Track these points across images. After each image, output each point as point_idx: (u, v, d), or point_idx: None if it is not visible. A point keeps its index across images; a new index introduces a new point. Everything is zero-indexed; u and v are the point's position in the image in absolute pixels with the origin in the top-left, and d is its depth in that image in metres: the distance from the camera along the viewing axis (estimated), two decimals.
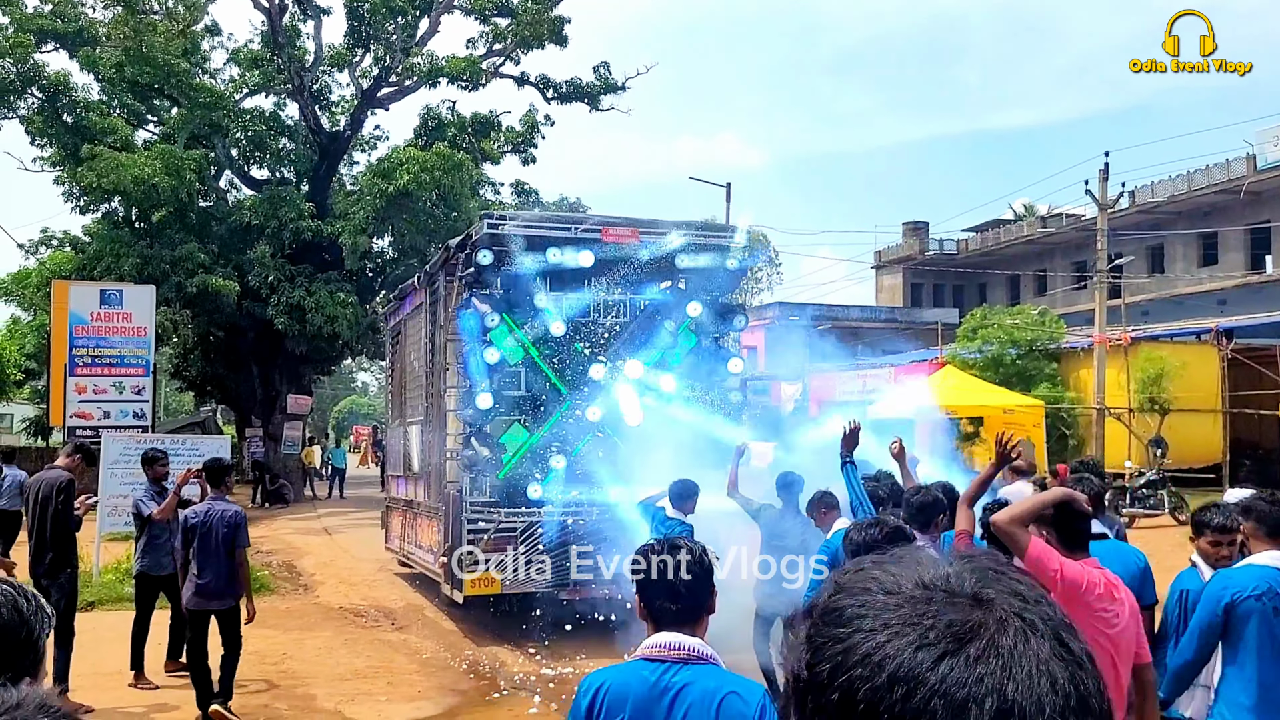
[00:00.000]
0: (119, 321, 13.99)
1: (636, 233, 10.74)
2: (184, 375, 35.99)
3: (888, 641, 0.81)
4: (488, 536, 9.81)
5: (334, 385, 68.16)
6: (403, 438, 13.81)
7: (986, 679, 0.78)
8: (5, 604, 1.33)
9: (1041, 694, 0.78)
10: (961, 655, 0.79)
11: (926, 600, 0.84)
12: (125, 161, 24.14)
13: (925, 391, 22.78)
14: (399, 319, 14.52)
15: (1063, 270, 38.25)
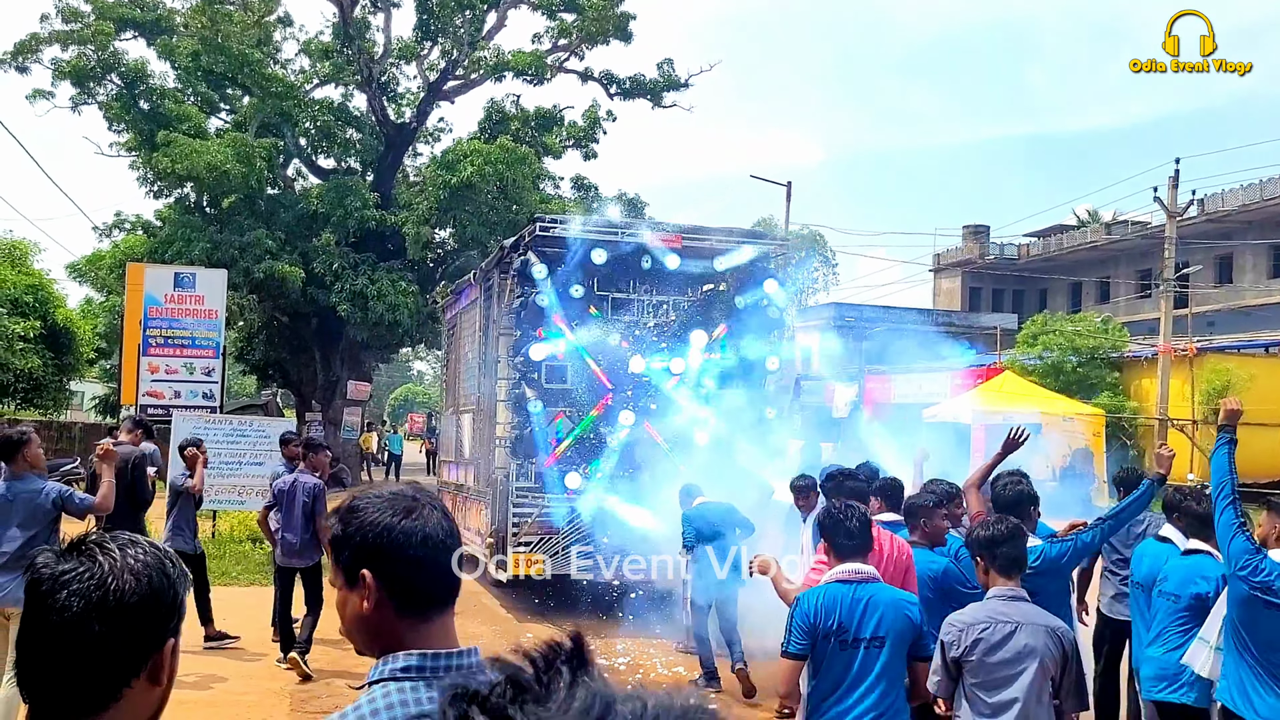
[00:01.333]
0: (192, 304, 14.40)
1: (681, 239, 11.14)
2: (248, 359, 36.76)
3: None
4: (531, 520, 10.28)
5: (391, 373, 69.12)
6: (455, 425, 14.33)
7: None
8: (155, 568, 1.42)
9: None
10: None
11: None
12: (198, 148, 24.73)
13: (983, 397, 22.61)
14: (455, 312, 15.05)
15: (1127, 278, 37.57)
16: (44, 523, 6.21)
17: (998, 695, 3.88)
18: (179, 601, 1.44)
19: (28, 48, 26.26)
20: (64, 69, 26.21)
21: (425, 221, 26.91)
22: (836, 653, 4.01)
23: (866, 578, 4.13)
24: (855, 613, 4.02)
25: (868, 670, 3.98)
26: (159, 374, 14.23)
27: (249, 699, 7.46)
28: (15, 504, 6.13)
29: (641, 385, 11.09)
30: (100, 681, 1.36)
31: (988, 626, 3.96)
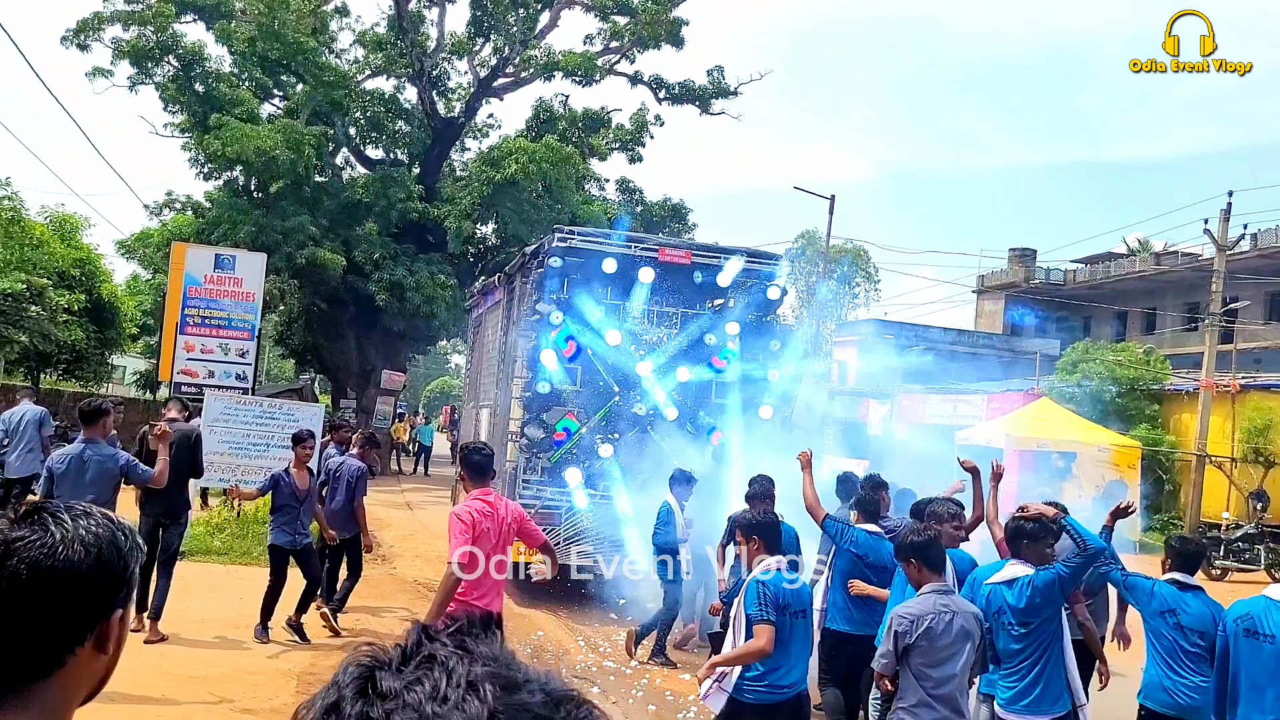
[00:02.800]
0: (230, 286, 14.57)
1: (690, 254, 11.99)
2: (287, 343, 37.16)
3: None
4: (534, 512, 10.56)
5: (428, 365, 69.58)
6: (475, 419, 14.99)
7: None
8: (106, 540, 1.43)
9: None
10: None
11: None
12: (249, 133, 25.04)
13: (1018, 422, 22.31)
14: (481, 311, 15.75)
15: (1174, 310, 36.95)
16: (110, 485, 7.05)
17: (941, 670, 4.74)
18: (129, 573, 1.45)
19: (90, 26, 26.74)
20: (124, 49, 26.66)
21: (467, 216, 27.07)
22: (789, 623, 5.25)
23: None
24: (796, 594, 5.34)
25: (800, 635, 5.36)
26: (194, 353, 14.41)
27: (256, 678, 7.52)
28: (89, 465, 6.92)
29: (647, 391, 11.74)
30: (46, 647, 1.38)
31: (934, 616, 4.79)
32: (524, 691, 0.86)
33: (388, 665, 0.88)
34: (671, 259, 11.78)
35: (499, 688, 0.85)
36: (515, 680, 0.87)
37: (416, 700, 0.83)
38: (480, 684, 0.85)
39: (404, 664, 0.87)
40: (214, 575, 11.11)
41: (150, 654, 7.81)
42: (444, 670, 0.86)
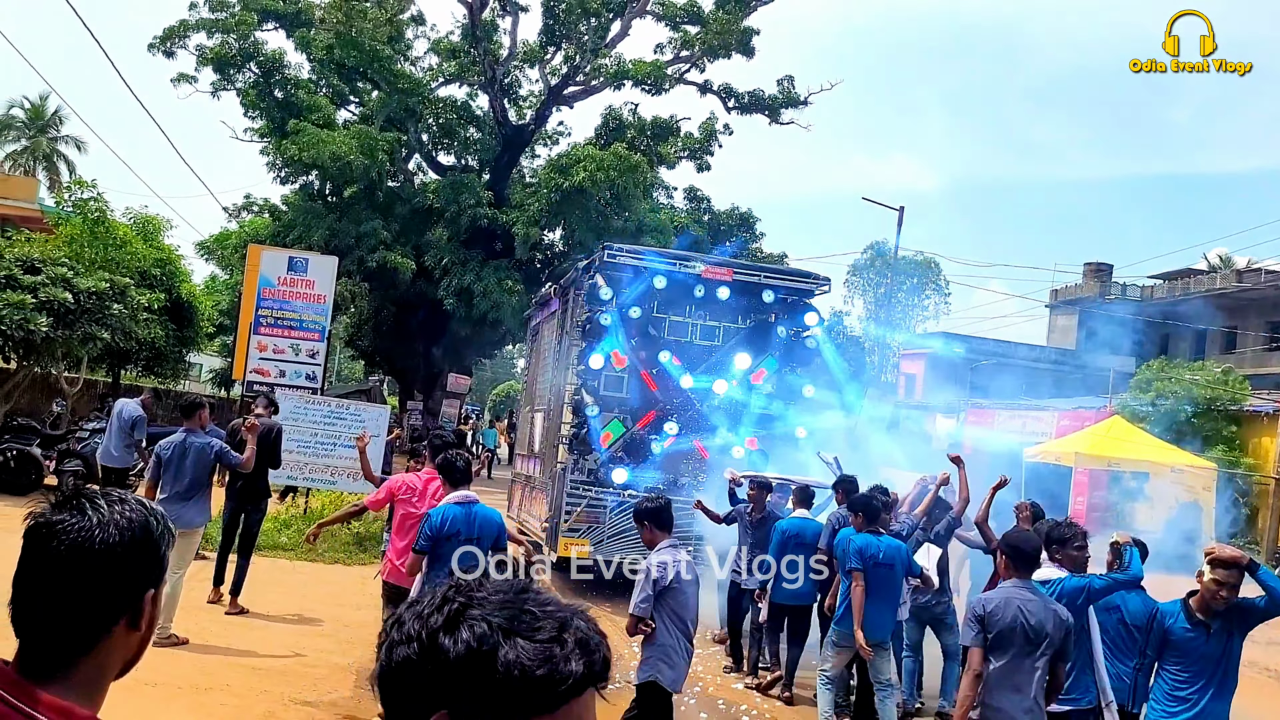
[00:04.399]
0: (302, 288, 14.91)
1: (732, 272, 12.53)
2: (357, 345, 37.87)
3: None
4: (581, 508, 11.56)
5: (495, 369, 70.28)
6: (530, 422, 15.78)
7: None
8: (139, 524, 1.53)
9: None
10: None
11: None
12: (325, 138, 25.62)
13: (1089, 440, 21.83)
14: (539, 319, 16.62)
15: (1256, 329, 35.83)
16: (206, 469, 8.23)
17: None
18: (161, 556, 1.54)
19: (176, 33, 27.62)
20: (207, 55, 27.48)
21: (535, 223, 27.34)
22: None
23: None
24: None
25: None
26: (266, 352, 14.77)
27: (318, 671, 7.68)
28: (190, 451, 8.10)
29: (688, 400, 12.41)
30: (85, 624, 1.48)
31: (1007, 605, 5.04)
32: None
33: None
34: (714, 275, 12.35)
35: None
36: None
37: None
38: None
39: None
40: (279, 570, 11.38)
41: (216, 644, 8.02)
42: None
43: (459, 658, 1.13)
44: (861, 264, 54.56)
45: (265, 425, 9.41)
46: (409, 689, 1.16)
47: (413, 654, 1.15)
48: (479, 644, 1.13)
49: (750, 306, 12.79)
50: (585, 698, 1.16)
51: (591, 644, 1.17)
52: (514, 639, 1.13)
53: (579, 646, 1.16)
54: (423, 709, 1.13)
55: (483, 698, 1.12)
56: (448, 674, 1.13)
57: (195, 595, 9.12)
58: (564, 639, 1.15)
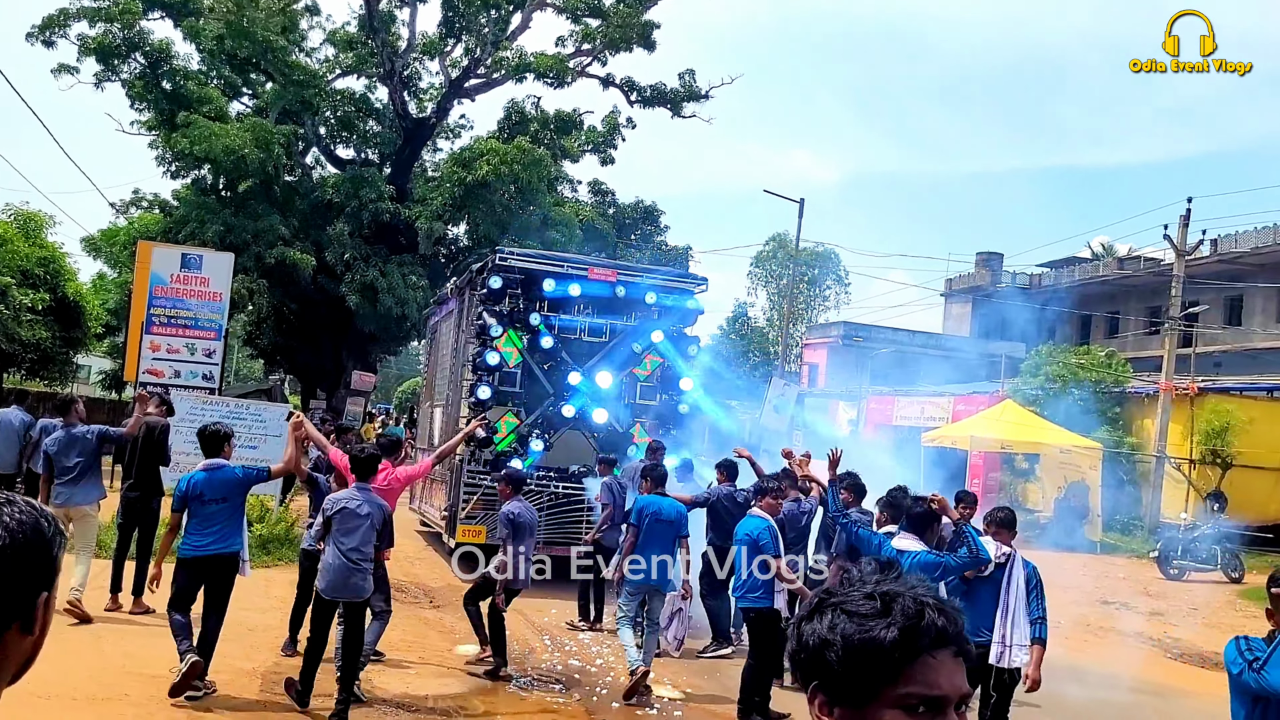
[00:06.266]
0: (197, 285, 14.50)
1: (616, 273, 13.60)
2: (256, 343, 36.97)
3: None
4: (477, 497, 12.25)
5: (400, 365, 69.25)
6: (430, 418, 16.61)
7: None
8: (29, 526, 1.49)
9: None
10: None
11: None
12: (217, 131, 24.91)
13: (983, 424, 22.61)
14: (437, 319, 17.54)
15: (1136, 314, 37.49)
16: (91, 453, 9.14)
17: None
18: (53, 557, 1.50)
19: (56, 22, 26.50)
20: (90, 45, 26.44)
21: (439, 217, 27.05)
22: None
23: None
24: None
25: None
26: (160, 353, 14.34)
27: (223, 677, 7.54)
28: (76, 441, 9.08)
29: (578, 393, 13.19)
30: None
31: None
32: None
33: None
34: (600, 277, 13.38)
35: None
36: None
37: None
38: None
39: None
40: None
41: (113, 653, 7.81)
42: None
43: (811, 641, 1.40)
44: (764, 255, 55.45)
45: (152, 423, 9.63)
46: (803, 670, 1.43)
47: (794, 644, 1.45)
48: (828, 630, 1.39)
49: (635, 305, 13.66)
50: (931, 661, 1.34)
51: (914, 612, 1.35)
52: (841, 618, 1.38)
53: (902, 616, 1.34)
54: (810, 683, 1.41)
55: (832, 671, 1.38)
56: (809, 654, 1.41)
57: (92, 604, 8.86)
58: (892, 613, 1.35)
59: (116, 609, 9.11)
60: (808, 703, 1.42)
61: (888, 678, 1.33)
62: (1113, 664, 11.21)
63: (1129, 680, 10.42)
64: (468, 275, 14.29)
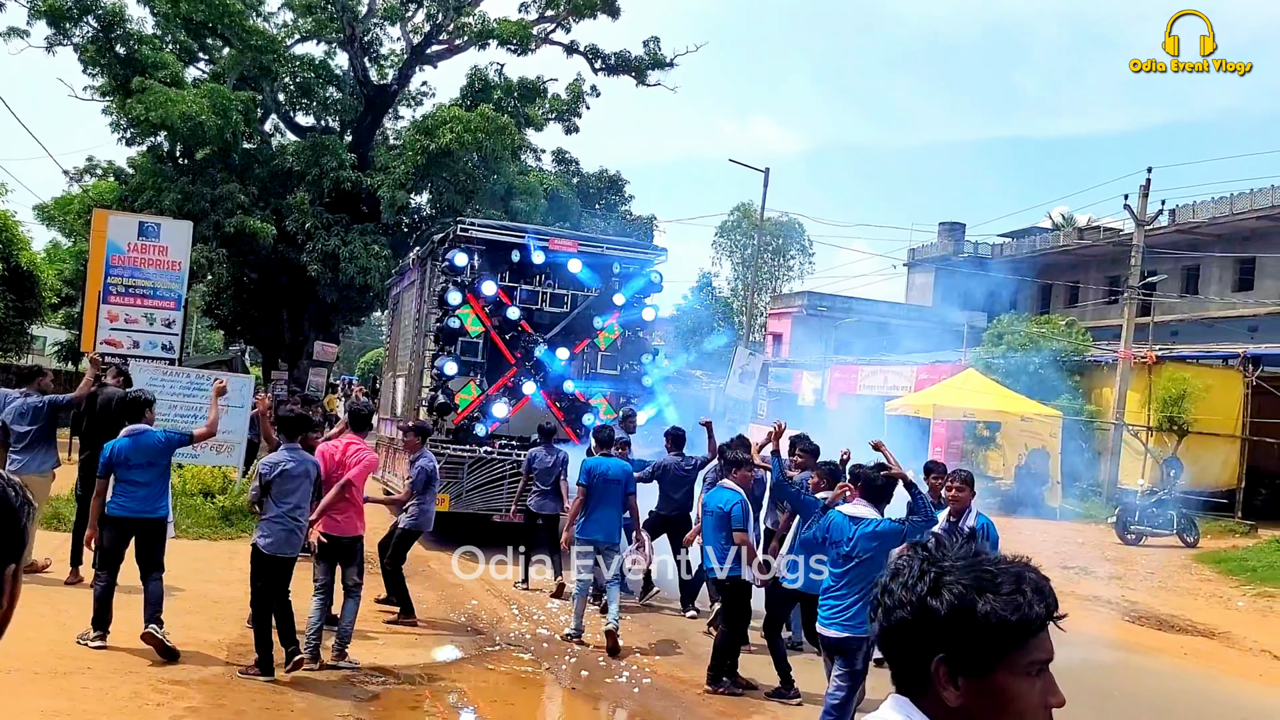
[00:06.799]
0: (154, 254, 14.22)
1: (576, 244, 13.75)
2: (216, 313, 36.46)
3: None
4: (440, 465, 11.97)
5: (363, 336, 68.66)
6: (392, 388, 16.71)
7: None
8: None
9: None
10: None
11: None
12: (174, 97, 24.41)
13: (945, 393, 22.81)
14: (399, 290, 17.52)
15: (1096, 283, 37.91)
16: (43, 418, 9.31)
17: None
18: (21, 528, 1.45)
19: None
20: (40, 8, 25.76)
21: (401, 186, 26.73)
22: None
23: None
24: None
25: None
26: (118, 323, 14.08)
27: (187, 649, 7.47)
28: (29, 411, 9.24)
29: (540, 363, 13.35)
30: None
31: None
32: None
33: None
34: (560, 248, 13.49)
35: None
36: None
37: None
38: None
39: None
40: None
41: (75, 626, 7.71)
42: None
43: (946, 614, 1.48)
44: (729, 225, 55.43)
45: (109, 394, 9.53)
46: (908, 643, 1.53)
47: (908, 615, 1.52)
48: (959, 602, 1.48)
49: (596, 276, 13.75)
50: (1044, 631, 1.51)
51: (1045, 590, 1.52)
52: (985, 594, 1.48)
53: (1036, 593, 1.50)
54: (921, 656, 1.50)
55: (968, 642, 1.48)
56: (938, 628, 1.49)
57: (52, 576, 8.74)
58: (1024, 589, 1.49)
59: (77, 582, 8.99)
60: (933, 676, 1.50)
61: (1021, 647, 1.49)
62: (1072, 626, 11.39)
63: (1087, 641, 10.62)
64: (429, 246, 14.32)
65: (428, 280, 14.00)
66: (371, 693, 7.19)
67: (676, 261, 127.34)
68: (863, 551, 6.13)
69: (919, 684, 1.53)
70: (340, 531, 7.69)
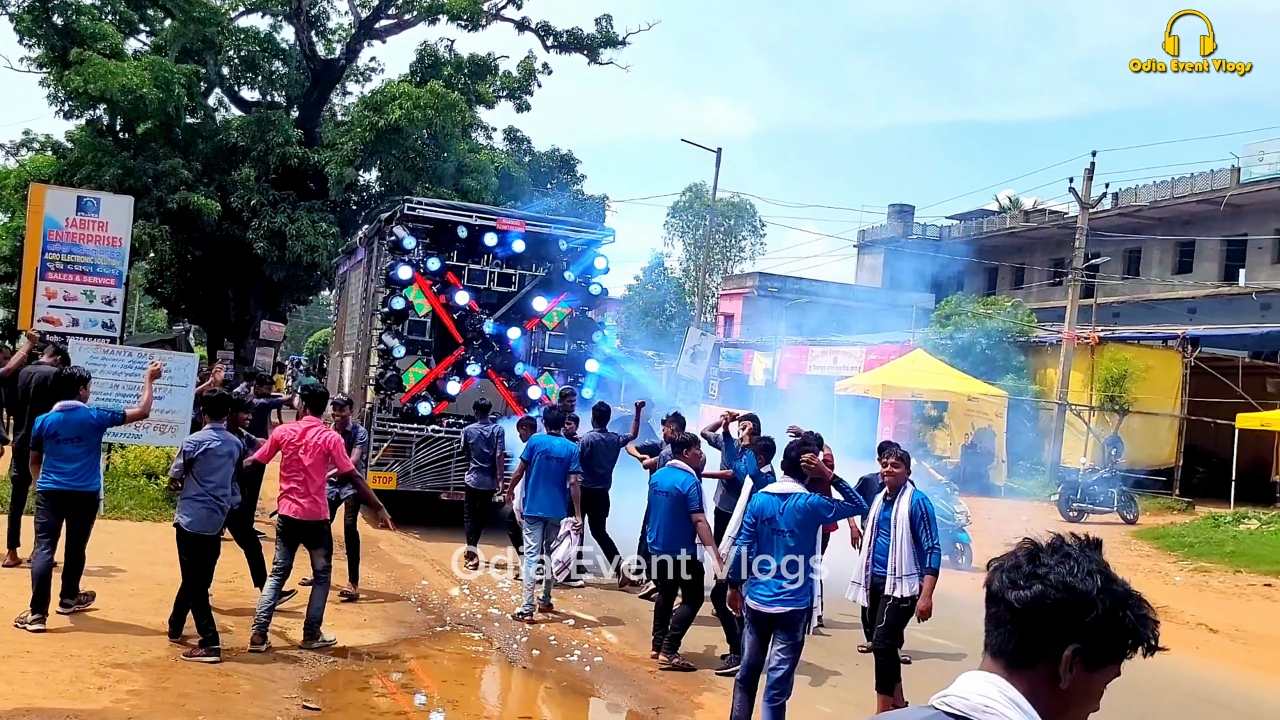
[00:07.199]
0: (94, 230, 13.86)
1: (525, 224, 13.66)
2: (159, 292, 35.76)
3: None
4: (387, 444, 12.51)
5: (311, 315, 67.75)
6: (340, 367, 16.72)
7: None
8: None
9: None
10: None
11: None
12: (114, 69, 23.80)
13: (893, 373, 23.07)
14: (347, 268, 17.56)
15: (1041, 265, 38.50)
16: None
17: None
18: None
19: None
20: None
21: (350, 162, 26.35)
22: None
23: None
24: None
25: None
26: (56, 300, 13.70)
27: (130, 633, 7.34)
28: None
29: (488, 342, 13.40)
30: None
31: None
32: None
33: None
34: (508, 227, 13.41)
35: None
36: None
37: None
38: None
39: None
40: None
41: (12, 609, 7.53)
42: None
43: (1102, 615, 1.58)
44: (681, 205, 55.42)
45: (45, 373, 9.32)
46: (1044, 621, 1.58)
47: (1062, 599, 1.58)
48: (1114, 608, 1.59)
49: (543, 255, 13.82)
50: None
51: (1154, 620, 1.65)
52: (1130, 608, 1.61)
53: (1155, 623, 1.65)
54: (1050, 637, 1.58)
55: (1103, 642, 1.59)
56: (1087, 622, 1.57)
57: None
58: (1148, 615, 1.63)
59: (15, 564, 8.80)
60: (1059, 669, 1.58)
61: (1125, 658, 1.64)
62: None
63: None
64: (376, 224, 14.28)
65: (375, 259, 13.95)
66: (319, 673, 7.13)
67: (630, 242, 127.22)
68: (795, 525, 6.19)
69: (1028, 656, 1.59)
70: (305, 515, 7.58)
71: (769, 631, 6.27)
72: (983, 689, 1.57)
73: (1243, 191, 31.65)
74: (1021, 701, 1.56)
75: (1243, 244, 32.76)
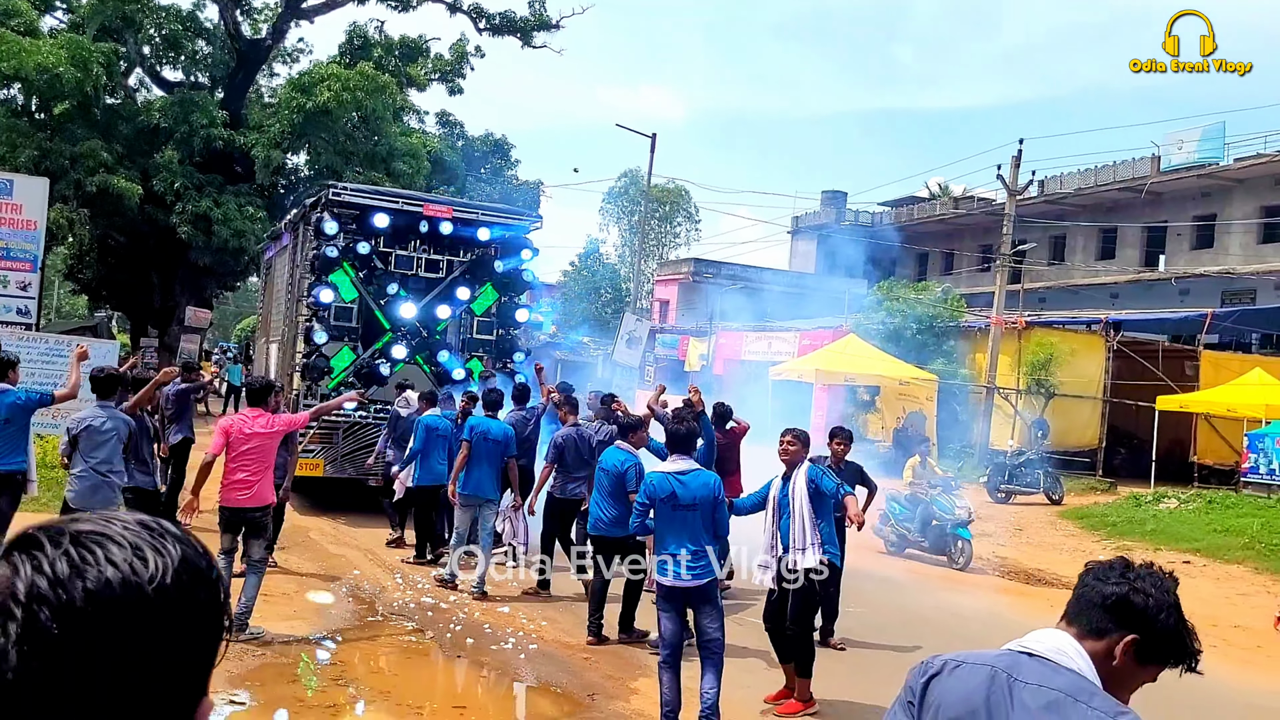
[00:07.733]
0: (8, 213, 13.38)
1: (452, 210, 13.67)
2: (79, 277, 34.68)
3: None
4: (315, 430, 12.37)
5: (239, 302, 66.33)
6: (266, 354, 16.75)
7: None
8: None
9: None
10: None
11: None
12: (28, 47, 22.95)
13: (826, 358, 23.31)
14: (272, 254, 17.56)
15: (970, 251, 39.17)
16: None
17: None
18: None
19: None
20: None
21: (277, 145, 25.78)
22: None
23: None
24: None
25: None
26: None
27: None
28: None
29: (414, 328, 13.43)
30: None
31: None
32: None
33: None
34: (436, 213, 13.41)
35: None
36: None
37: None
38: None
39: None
40: (17, 523, 10.39)
41: None
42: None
43: (1171, 629, 1.96)
44: (616, 191, 55.30)
45: None
46: (1119, 612, 1.95)
47: (1138, 603, 1.95)
48: (1176, 622, 1.96)
49: (471, 242, 13.78)
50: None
51: (1199, 649, 2.01)
52: (1186, 630, 1.99)
53: (1198, 650, 2.00)
54: (1118, 624, 1.95)
55: (1160, 644, 1.95)
56: (1154, 626, 1.94)
57: None
58: (1196, 643, 1.99)
59: None
60: (1116, 648, 1.95)
61: (1168, 664, 1.99)
62: (950, 583, 11.84)
63: (961, 596, 11.04)
64: (301, 210, 14.18)
65: (300, 244, 13.87)
66: (247, 666, 6.98)
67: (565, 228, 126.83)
68: (699, 500, 6.28)
69: (1099, 632, 1.96)
70: (256, 502, 7.66)
71: (685, 607, 6.40)
72: (1060, 642, 1.96)
73: (1163, 179, 32.52)
74: (1086, 658, 1.93)
75: (1163, 231, 33.66)
